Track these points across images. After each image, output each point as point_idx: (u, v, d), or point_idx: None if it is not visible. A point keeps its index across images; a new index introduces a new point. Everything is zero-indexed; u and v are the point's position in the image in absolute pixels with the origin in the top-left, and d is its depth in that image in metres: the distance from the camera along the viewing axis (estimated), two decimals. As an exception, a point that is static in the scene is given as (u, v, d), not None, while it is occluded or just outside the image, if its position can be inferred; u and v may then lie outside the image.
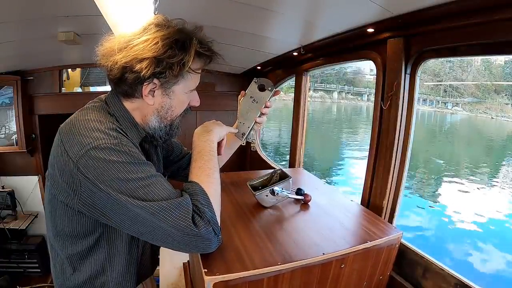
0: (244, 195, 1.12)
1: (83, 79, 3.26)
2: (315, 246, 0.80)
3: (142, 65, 0.64)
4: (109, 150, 0.61)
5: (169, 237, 0.63)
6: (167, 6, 0.89)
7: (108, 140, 0.61)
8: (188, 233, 0.63)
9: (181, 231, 0.62)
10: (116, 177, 0.60)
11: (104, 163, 0.60)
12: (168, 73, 0.66)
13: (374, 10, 0.97)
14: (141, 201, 0.61)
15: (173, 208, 0.62)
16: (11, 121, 2.38)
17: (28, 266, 2.39)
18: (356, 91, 40.65)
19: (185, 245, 0.64)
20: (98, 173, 0.60)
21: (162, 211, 0.62)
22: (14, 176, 2.50)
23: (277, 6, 1.13)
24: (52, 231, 0.71)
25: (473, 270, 4.89)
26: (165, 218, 0.62)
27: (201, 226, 0.64)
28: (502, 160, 13.51)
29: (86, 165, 0.60)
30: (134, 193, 0.61)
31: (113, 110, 0.72)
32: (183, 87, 0.73)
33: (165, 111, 0.74)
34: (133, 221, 0.62)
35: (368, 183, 1.21)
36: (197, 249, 0.66)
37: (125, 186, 0.60)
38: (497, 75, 33.88)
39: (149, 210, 0.61)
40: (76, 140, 0.61)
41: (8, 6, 1.14)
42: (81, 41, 1.52)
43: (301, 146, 1.96)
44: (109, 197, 0.60)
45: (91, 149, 0.60)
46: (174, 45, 0.66)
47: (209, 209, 0.67)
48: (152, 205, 0.61)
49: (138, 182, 0.62)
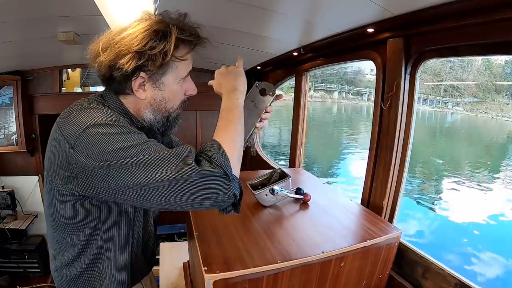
0: (244, 194, 1.12)
1: (83, 79, 3.27)
2: (314, 245, 0.81)
3: (124, 61, 0.64)
4: (106, 125, 0.61)
5: (175, 190, 0.59)
6: (167, 6, 0.89)
7: (106, 117, 0.62)
8: (191, 175, 0.58)
9: (184, 174, 0.58)
10: (114, 148, 0.59)
11: (102, 137, 0.60)
12: (151, 64, 0.66)
13: (374, 10, 0.97)
14: (140, 163, 0.59)
15: (172, 156, 0.60)
16: (11, 121, 2.38)
17: (28, 266, 2.39)
18: (357, 91, 40.63)
19: (194, 192, 0.59)
20: (96, 150, 0.59)
21: (161, 162, 0.59)
22: (14, 176, 2.50)
23: (277, 6, 1.13)
24: (52, 225, 0.72)
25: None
26: (165, 167, 0.58)
27: (205, 166, 0.60)
28: (503, 160, 13.51)
29: (84, 144, 0.60)
30: (134, 158, 0.59)
31: (108, 103, 0.72)
32: (172, 76, 0.72)
33: (158, 104, 0.73)
34: (136, 188, 0.59)
35: (368, 183, 1.21)
36: (211, 195, 0.60)
37: (124, 154, 0.59)
38: (497, 75, 33.85)
39: (149, 167, 0.58)
40: (74, 122, 0.62)
41: (8, 6, 1.14)
42: (81, 41, 1.52)
43: (301, 146, 1.96)
44: (108, 172, 0.59)
45: (89, 127, 0.60)
46: (153, 36, 0.65)
47: (221, 155, 0.62)
48: (151, 161, 0.59)
49: (136, 148, 0.60)
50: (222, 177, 0.61)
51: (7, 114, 2.39)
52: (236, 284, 0.68)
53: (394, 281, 1.02)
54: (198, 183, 0.59)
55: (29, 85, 2.36)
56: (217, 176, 0.60)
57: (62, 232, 0.72)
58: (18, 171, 2.50)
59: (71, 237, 0.72)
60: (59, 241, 0.74)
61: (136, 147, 0.60)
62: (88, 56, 0.71)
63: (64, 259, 0.74)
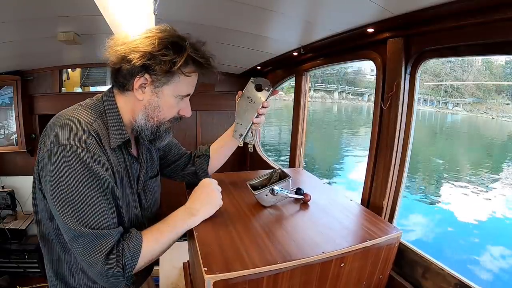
0: (244, 194, 1.12)
1: (83, 79, 3.26)
2: (314, 245, 0.80)
3: (135, 55, 0.69)
4: (71, 153, 0.65)
5: (81, 261, 0.68)
6: (167, 6, 0.89)
7: (76, 142, 0.65)
8: (97, 265, 0.66)
9: (90, 263, 0.66)
10: (65, 183, 0.64)
11: (61, 164, 0.64)
12: (158, 68, 0.70)
13: (374, 10, 0.97)
14: (72, 218, 0.65)
15: (94, 238, 0.66)
16: (11, 121, 2.38)
17: (28, 266, 2.39)
18: (357, 91, 40.66)
19: (92, 273, 0.69)
20: (52, 171, 0.64)
21: (82, 237, 0.66)
22: (14, 176, 2.50)
23: (277, 6, 1.13)
24: (35, 221, 0.79)
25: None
26: (82, 244, 0.66)
27: (110, 262, 0.67)
28: (503, 161, 13.50)
29: (48, 158, 0.65)
30: (72, 208, 0.65)
31: (106, 107, 0.76)
32: (172, 89, 0.75)
33: (152, 110, 0.76)
34: (61, 226, 0.67)
35: (368, 183, 1.21)
36: (101, 282, 0.69)
37: (67, 197, 0.64)
38: (497, 75, 33.87)
39: (74, 229, 0.65)
40: (53, 133, 0.67)
41: (8, 6, 1.14)
42: (81, 41, 1.52)
43: (301, 146, 1.96)
44: (51, 196, 0.66)
45: (57, 146, 0.65)
46: (169, 46, 0.71)
47: (132, 257, 0.70)
48: (78, 227, 0.65)
49: (79, 197, 0.65)
50: (117, 278, 0.69)
51: (7, 114, 2.39)
52: (236, 285, 0.68)
53: (394, 281, 1.02)
54: (97, 274, 0.67)
55: (29, 85, 2.36)
56: (113, 276, 0.68)
57: (42, 227, 0.77)
58: (18, 171, 2.50)
59: (55, 241, 0.77)
60: (45, 240, 0.79)
61: (80, 196, 0.65)
62: (107, 44, 0.75)
63: (56, 263, 0.78)
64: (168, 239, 0.78)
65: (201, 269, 0.68)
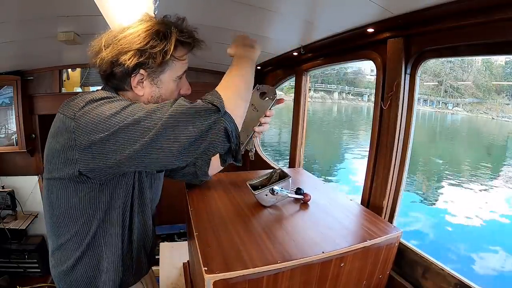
0: (244, 194, 1.12)
1: (83, 79, 3.26)
2: (314, 245, 0.80)
3: (126, 57, 0.67)
4: (103, 99, 0.65)
5: (171, 129, 0.60)
6: (167, 6, 0.89)
7: (103, 93, 0.67)
8: (182, 110, 0.61)
9: (175, 111, 0.61)
10: (110, 114, 0.62)
11: (98, 108, 0.63)
12: (152, 62, 0.69)
13: (374, 10, 0.97)
14: (135, 120, 0.61)
15: (163, 103, 0.64)
16: (11, 121, 2.38)
17: (28, 266, 2.39)
18: (357, 91, 40.64)
19: (188, 130, 0.61)
20: (94, 121, 0.61)
21: (156, 107, 0.63)
22: (14, 176, 2.50)
23: (277, 6, 1.13)
24: (50, 218, 0.74)
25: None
26: (159, 111, 0.62)
27: (196, 103, 0.63)
28: (503, 162, 13.50)
29: (83, 118, 0.62)
30: (130, 118, 0.61)
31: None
32: (169, 74, 0.75)
33: (155, 101, 0.76)
34: (134, 144, 0.61)
35: (368, 183, 1.21)
36: (203, 131, 0.62)
37: (119, 118, 0.61)
38: (497, 75, 33.86)
39: (145, 118, 0.61)
40: (73, 103, 0.66)
41: (8, 6, 1.14)
42: (81, 41, 1.52)
43: (301, 146, 1.96)
44: (109, 138, 0.61)
45: (88, 102, 0.64)
46: (155, 36, 0.69)
47: (213, 95, 0.65)
48: (146, 113, 0.62)
49: (129, 108, 0.63)
50: (210, 110, 0.63)
51: (7, 114, 2.39)
52: (236, 284, 0.68)
53: (394, 281, 1.02)
54: (190, 116, 0.61)
55: (29, 85, 2.36)
56: (206, 109, 0.62)
57: (59, 224, 0.73)
58: (18, 171, 2.50)
59: (67, 228, 0.73)
60: (57, 235, 0.75)
61: (129, 108, 0.63)
62: (90, 52, 0.73)
63: (62, 252, 0.75)
64: (239, 69, 0.77)
65: (201, 268, 0.68)
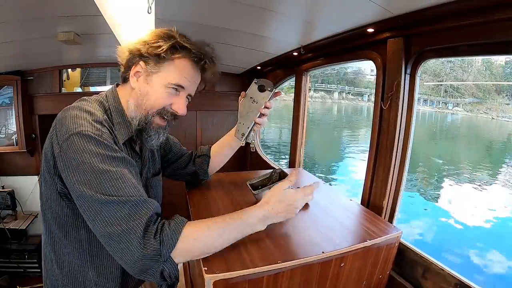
0: (244, 194, 1.12)
1: (83, 79, 3.26)
2: (314, 245, 0.80)
3: (134, 47, 0.77)
4: (88, 138, 0.65)
5: (110, 238, 0.62)
6: (167, 6, 0.89)
7: (91, 129, 0.66)
8: (134, 251, 0.61)
9: (127, 240, 0.61)
10: (89, 167, 0.63)
11: (81, 150, 0.64)
12: (149, 52, 0.75)
13: (374, 10, 0.97)
14: (103, 194, 0.62)
15: (131, 205, 0.63)
16: (11, 121, 2.38)
17: (28, 266, 2.39)
18: (357, 91, 40.65)
19: (120, 254, 0.62)
20: (74, 157, 0.63)
21: (117, 205, 0.63)
22: (14, 176, 2.49)
23: (277, 6, 1.13)
24: (43, 218, 0.76)
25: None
26: (119, 215, 0.62)
27: (150, 243, 0.62)
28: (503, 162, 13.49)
29: (66, 148, 0.64)
30: (100, 186, 0.63)
31: (110, 103, 0.79)
32: (162, 77, 0.77)
33: (142, 97, 0.78)
34: (93, 215, 0.63)
35: (368, 183, 1.21)
36: (127, 265, 0.63)
37: (94, 178, 0.63)
38: (497, 75, 33.87)
39: (109, 204, 0.62)
40: (65, 124, 0.66)
41: (8, 6, 1.14)
42: (81, 41, 1.52)
43: (301, 146, 1.96)
44: (75, 187, 0.63)
45: (74, 134, 0.64)
46: (160, 36, 0.77)
47: (172, 235, 0.64)
48: (110, 197, 0.62)
49: (106, 175, 0.64)
50: (153, 259, 0.62)
51: (7, 114, 2.39)
52: (236, 284, 0.68)
53: (394, 281, 1.02)
54: (134, 249, 0.61)
55: (29, 85, 2.36)
56: (150, 256, 0.62)
57: (51, 225, 0.75)
58: (18, 171, 2.50)
59: (59, 229, 0.74)
60: (50, 236, 0.77)
61: (106, 174, 0.64)
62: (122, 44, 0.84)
63: (55, 253, 0.77)
64: (224, 229, 0.70)
65: (201, 268, 0.68)
